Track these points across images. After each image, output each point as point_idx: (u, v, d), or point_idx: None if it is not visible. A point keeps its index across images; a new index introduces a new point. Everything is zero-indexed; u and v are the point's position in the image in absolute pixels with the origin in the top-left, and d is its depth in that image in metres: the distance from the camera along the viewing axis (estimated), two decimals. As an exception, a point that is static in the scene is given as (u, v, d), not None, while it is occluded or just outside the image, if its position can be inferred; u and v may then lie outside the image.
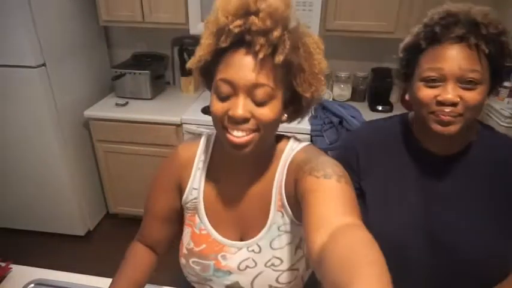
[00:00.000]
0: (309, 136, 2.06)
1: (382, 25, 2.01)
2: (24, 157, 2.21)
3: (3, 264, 1.06)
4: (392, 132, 0.98)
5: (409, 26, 0.90)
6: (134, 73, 2.35)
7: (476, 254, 0.86)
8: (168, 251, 0.96)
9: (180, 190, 0.84)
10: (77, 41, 2.28)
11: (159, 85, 2.54)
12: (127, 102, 2.35)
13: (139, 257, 0.90)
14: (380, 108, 2.30)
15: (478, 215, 0.88)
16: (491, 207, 0.88)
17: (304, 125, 2.09)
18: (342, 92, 2.41)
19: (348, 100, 2.43)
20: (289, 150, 0.78)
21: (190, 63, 0.72)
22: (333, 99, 2.42)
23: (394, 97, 2.44)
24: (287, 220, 0.76)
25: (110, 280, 1.01)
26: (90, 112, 2.26)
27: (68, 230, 2.44)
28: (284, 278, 0.79)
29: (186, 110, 2.24)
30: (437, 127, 0.81)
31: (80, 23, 2.29)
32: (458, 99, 0.78)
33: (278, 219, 0.77)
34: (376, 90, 2.37)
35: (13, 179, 2.30)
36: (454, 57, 0.78)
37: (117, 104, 2.32)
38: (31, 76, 1.98)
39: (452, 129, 0.80)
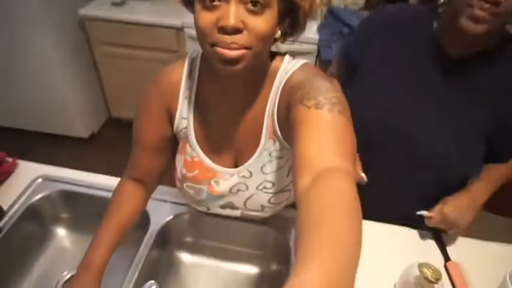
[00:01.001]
0: (316, 46, 1.97)
1: None
2: (22, 58, 2.14)
3: (9, 160, 1.09)
4: (418, 16, 0.93)
5: None
6: (131, -32, 2.15)
7: (436, 159, 0.91)
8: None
9: (170, 117, 0.79)
10: None
11: (159, -16, 2.35)
12: (124, 2, 2.19)
13: (126, 198, 0.85)
14: (394, 19, 2.16)
15: (454, 124, 0.89)
16: (468, 122, 0.88)
17: (312, 34, 1.99)
18: (355, -1, 2.24)
19: (361, 9, 2.27)
20: (283, 72, 0.71)
21: None
22: (345, 6, 2.26)
23: (410, 8, 2.28)
24: (278, 146, 0.74)
25: (115, 179, 1.06)
26: (85, 11, 2.13)
27: (72, 132, 2.49)
28: (276, 199, 0.81)
29: (188, 12, 2.10)
30: (467, 23, 0.75)
31: None
32: None
33: (269, 146, 0.74)
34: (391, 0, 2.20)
35: (15, 80, 2.26)
36: None
37: (113, 4, 2.16)
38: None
39: (480, 28, 0.74)
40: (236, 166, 0.80)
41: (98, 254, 0.74)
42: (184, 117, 0.77)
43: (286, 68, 0.71)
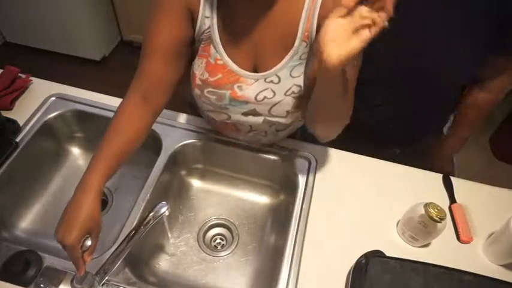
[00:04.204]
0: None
1: None
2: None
3: (23, 76, 1.08)
4: None
5: None
6: None
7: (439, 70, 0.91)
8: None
9: (192, 17, 0.73)
10: None
11: None
12: None
13: (127, 118, 0.75)
14: None
15: (457, 31, 0.87)
16: (471, 29, 0.85)
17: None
18: None
19: None
20: None
21: None
22: None
23: None
24: (308, 49, 0.71)
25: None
26: None
27: (84, 54, 2.46)
28: (303, 103, 0.78)
29: None
30: None
31: None
32: None
33: (301, 48, 0.71)
34: None
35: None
36: None
37: None
38: None
39: None
40: (255, 71, 0.76)
41: (96, 176, 0.68)
42: (208, 16, 0.72)
43: None
